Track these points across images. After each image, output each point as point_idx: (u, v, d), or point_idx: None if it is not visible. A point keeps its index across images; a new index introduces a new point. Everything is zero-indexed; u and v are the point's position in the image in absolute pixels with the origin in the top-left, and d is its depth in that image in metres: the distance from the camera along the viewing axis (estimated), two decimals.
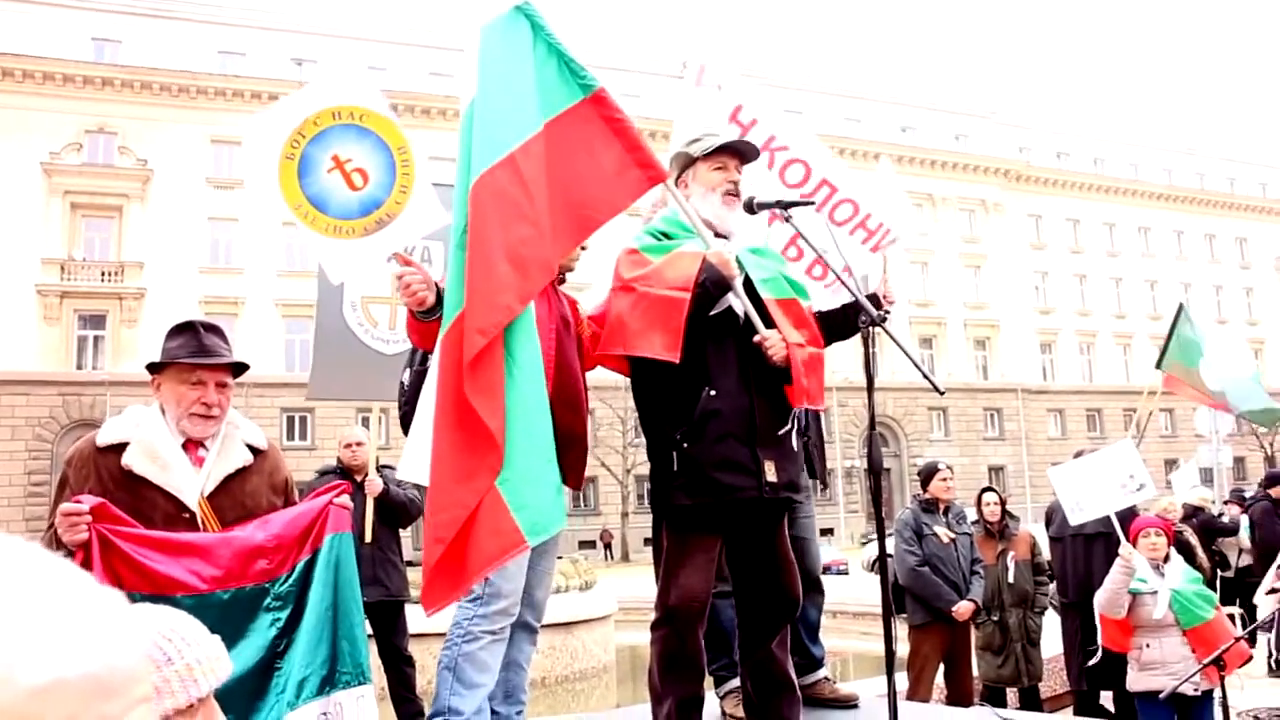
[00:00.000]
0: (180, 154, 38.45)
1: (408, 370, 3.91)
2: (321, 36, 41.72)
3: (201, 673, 1.40)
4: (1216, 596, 5.98)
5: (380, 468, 6.58)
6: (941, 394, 3.53)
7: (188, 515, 3.11)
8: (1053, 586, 7.68)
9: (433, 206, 3.21)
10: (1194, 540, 9.88)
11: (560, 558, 11.93)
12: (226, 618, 3.00)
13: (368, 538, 6.34)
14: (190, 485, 3.14)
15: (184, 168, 38.43)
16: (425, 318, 3.23)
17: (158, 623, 1.44)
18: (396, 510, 6.76)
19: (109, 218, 38.18)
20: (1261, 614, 7.78)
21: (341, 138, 3.17)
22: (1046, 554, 7.68)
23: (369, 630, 3.38)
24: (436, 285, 3.24)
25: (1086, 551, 7.21)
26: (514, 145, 3.09)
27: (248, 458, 3.30)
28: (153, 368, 3.27)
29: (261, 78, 39.98)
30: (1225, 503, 13.72)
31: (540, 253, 3.09)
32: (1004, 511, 7.41)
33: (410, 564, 8.09)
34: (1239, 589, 11.28)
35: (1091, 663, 6.60)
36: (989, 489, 7.65)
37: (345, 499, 3.31)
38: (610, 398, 34.95)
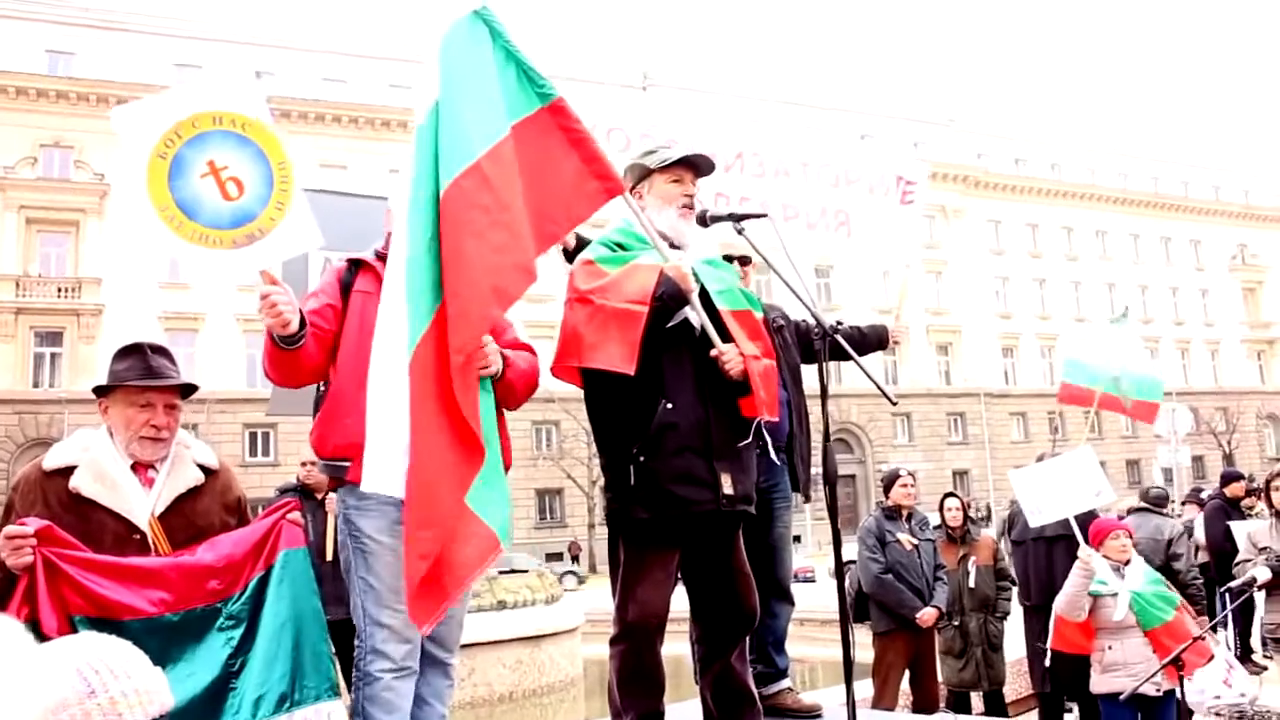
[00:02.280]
0: None
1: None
2: (279, 49, 41.44)
3: (127, 705, 1.36)
4: (1178, 597, 6.03)
5: None
6: (894, 404, 3.56)
7: (138, 536, 3.09)
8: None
9: (308, 227, 3.05)
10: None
11: (526, 571, 11.91)
12: (177, 640, 2.96)
13: (329, 555, 6.27)
14: (140, 506, 3.11)
15: None
16: (287, 344, 3.06)
17: (86, 653, 1.40)
18: None
19: (65, 233, 37.69)
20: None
21: (221, 144, 2.99)
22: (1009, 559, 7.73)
23: (332, 649, 3.32)
24: (300, 311, 3.09)
25: (1048, 554, 7.26)
26: (479, 153, 3.05)
27: (199, 477, 3.27)
28: (100, 391, 3.23)
29: None
30: (1183, 503, 13.84)
31: (519, 257, 3.06)
32: (966, 516, 7.45)
33: None
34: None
35: (1046, 663, 6.64)
36: (951, 494, 7.69)
37: (296, 514, 3.28)
38: (575, 410, 34.87)
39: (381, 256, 3.31)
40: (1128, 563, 5.91)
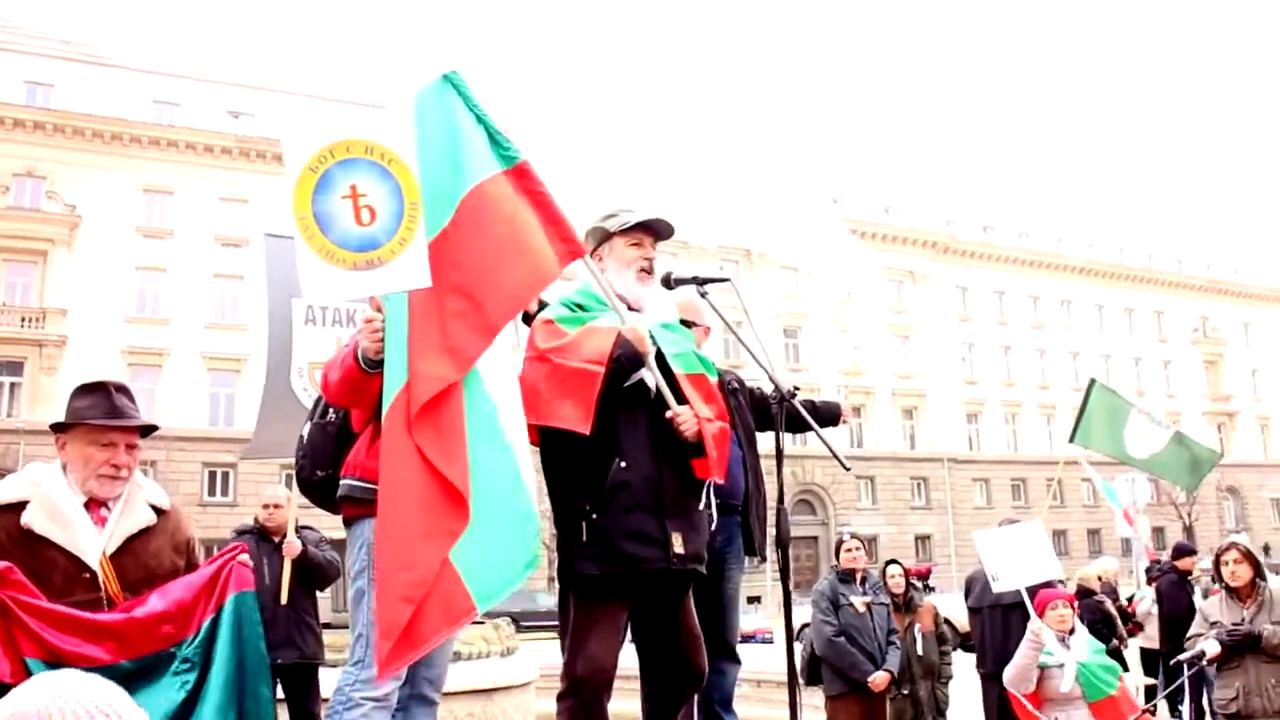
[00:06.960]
0: (110, 202, 37.79)
1: (308, 424, 3.84)
2: (257, 90, 41.57)
3: None
4: (1120, 668, 6.10)
5: (300, 529, 6.49)
6: (847, 469, 3.61)
7: (88, 575, 3.07)
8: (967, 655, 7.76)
9: (421, 269, 3.17)
10: (1114, 610, 10.03)
11: (482, 622, 11.77)
12: (132, 685, 2.95)
13: (284, 599, 6.23)
14: (92, 545, 3.11)
15: (113, 216, 37.74)
16: (373, 368, 3.26)
17: (88, 693, 1.42)
18: (314, 572, 6.65)
19: (32, 263, 37.28)
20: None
21: (367, 172, 3.16)
22: (962, 624, 7.77)
23: (280, 694, 3.33)
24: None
25: (1004, 621, 7.31)
26: (445, 220, 3.17)
27: (151, 518, 3.28)
28: (59, 427, 3.23)
29: (196, 129, 39.62)
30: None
31: (477, 320, 3.14)
32: (909, 584, 7.50)
33: (327, 625, 7.92)
34: (1150, 660, 11.45)
35: None
36: (892, 561, 7.75)
37: (245, 557, 3.29)
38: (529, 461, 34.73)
39: None
40: (1072, 632, 5.97)
